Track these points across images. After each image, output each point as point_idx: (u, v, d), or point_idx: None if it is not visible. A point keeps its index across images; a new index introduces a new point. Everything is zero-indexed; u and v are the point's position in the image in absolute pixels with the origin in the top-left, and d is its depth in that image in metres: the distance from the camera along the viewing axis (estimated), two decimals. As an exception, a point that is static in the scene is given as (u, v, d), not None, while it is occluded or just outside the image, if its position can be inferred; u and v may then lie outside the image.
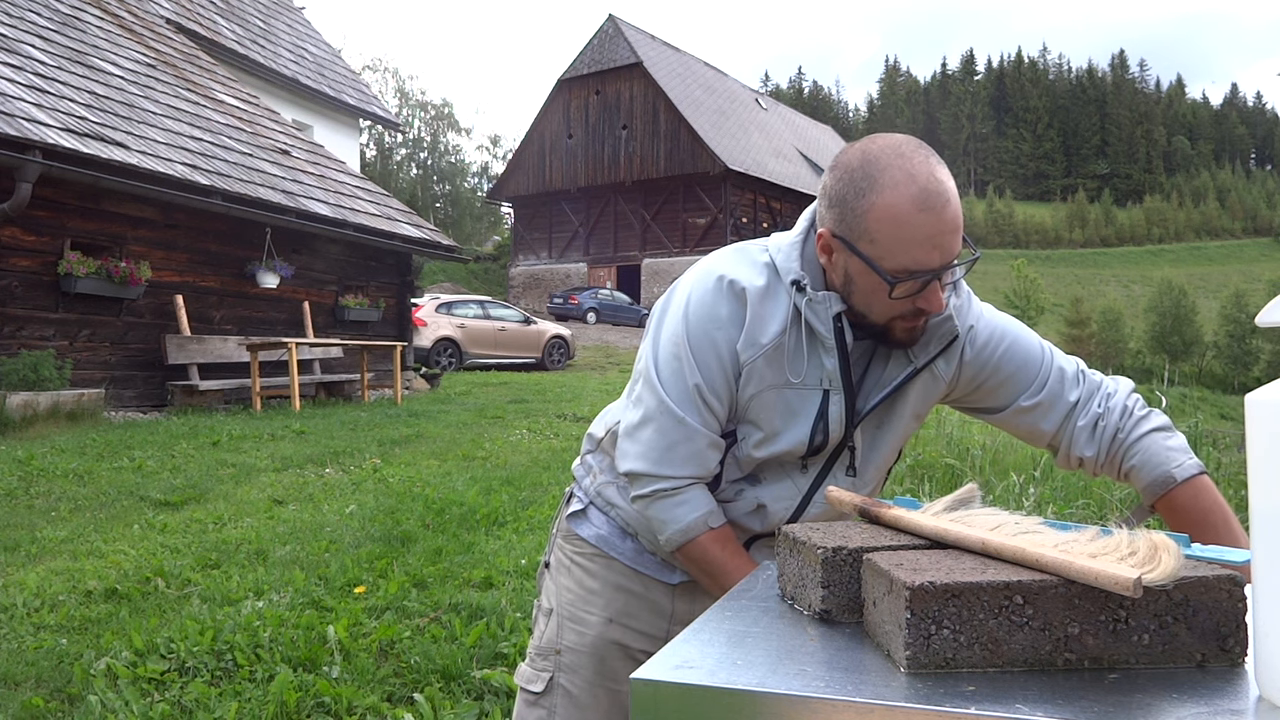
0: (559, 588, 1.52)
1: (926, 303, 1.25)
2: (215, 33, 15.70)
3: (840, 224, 1.25)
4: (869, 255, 1.22)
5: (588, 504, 1.52)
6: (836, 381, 1.32)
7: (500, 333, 18.97)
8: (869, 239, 1.22)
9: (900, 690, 0.72)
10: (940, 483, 5.12)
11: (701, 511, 1.32)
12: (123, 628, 3.26)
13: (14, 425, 7.02)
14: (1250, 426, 0.72)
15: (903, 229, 1.19)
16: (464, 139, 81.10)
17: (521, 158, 39.51)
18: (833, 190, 1.26)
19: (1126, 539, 0.82)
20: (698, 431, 1.31)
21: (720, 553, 1.32)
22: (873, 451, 1.41)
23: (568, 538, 1.54)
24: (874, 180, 1.20)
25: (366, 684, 2.87)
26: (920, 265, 1.20)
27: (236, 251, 10.25)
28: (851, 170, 1.23)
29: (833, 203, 1.26)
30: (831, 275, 1.31)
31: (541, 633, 1.52)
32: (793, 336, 1.31)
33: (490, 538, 4.63)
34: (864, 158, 1.23)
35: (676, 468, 1.32)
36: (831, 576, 0.93)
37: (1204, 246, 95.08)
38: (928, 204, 1.18)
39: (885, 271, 1.21)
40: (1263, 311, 0.73)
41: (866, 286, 1.26)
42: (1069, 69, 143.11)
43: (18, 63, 8.77)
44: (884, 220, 1.20)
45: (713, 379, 1.31)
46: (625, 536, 1.49)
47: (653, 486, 1.33)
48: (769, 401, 1.32)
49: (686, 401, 1.31)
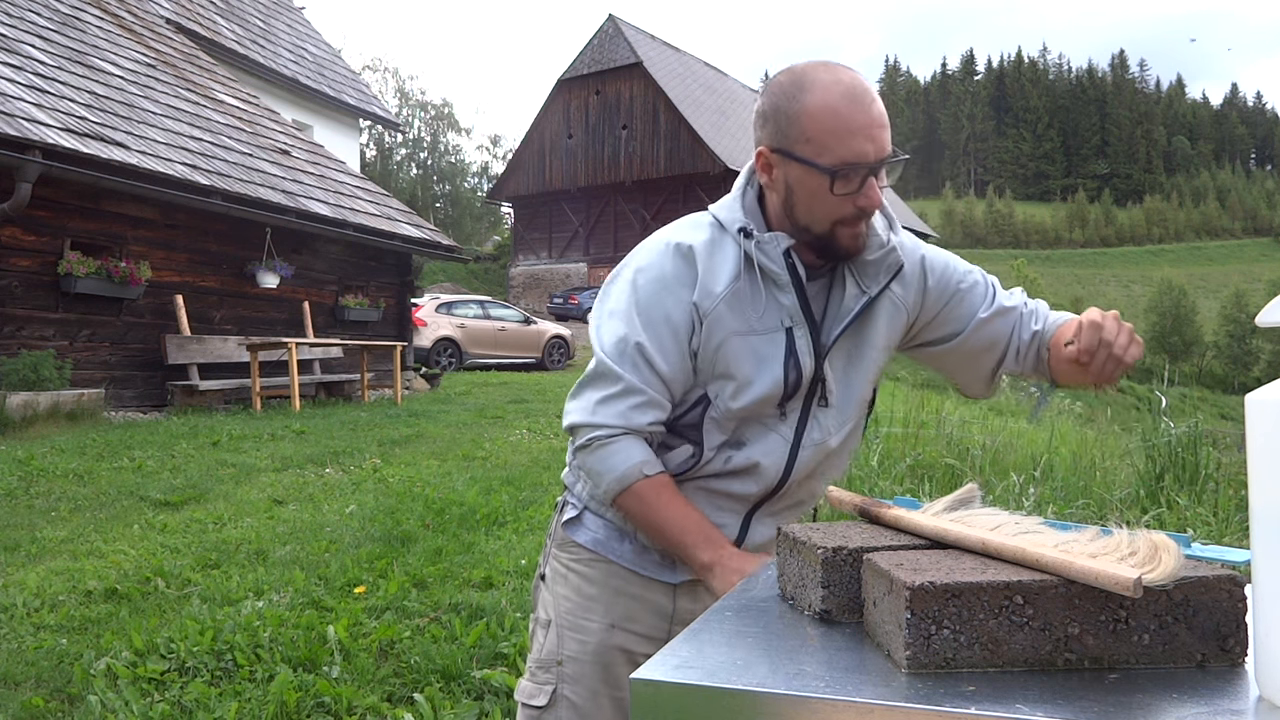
0: (556, 597, 1.50)
1: (866, 200, 1.30)
2: (215, 33, 15.70)
3: (776, 135, 1.31)
4: (806, 155, 1.28)
5: (582, 509, 1.51)
6: (798, 315, 1.36)
7: (500, 333, 18.97)
8: (805, 139, 1.28)
9: (900, 690, 0.72)
10: (940, 483, 5.11)
11: (637, 459, 1.34)
12: (123, 628, 3.26)
13: (14, 425, 7.02)
14: (1250, 426, 0.72)
15: (835, 121, 1.26)
16: (464, 139, 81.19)
17: (521, 158, 39.51)
18: (766, 107, 1.33)
19: (1126, 539, 0.82)
20: (634, 386, 1.34)
21: (657, 499, 1.34)
22: (847, 385, 1.43)
23: (563, 545, 1.52)
24: (803, 85, 1.29)
25: (366, 684, 2.87)
26: (856, 157, 1.27)
27: (236, 251, 10.25)
28: (781, 85, 1.32)
29: (767, 119, 1.33)
30: (773, 198, 1.37)
31: (541, 645, 1.50)
32: (747, 282, 1.35)
33: (490, 538, 4.63)
34: (790, 74, 1.32)
35: (611, 418, 1.35)
36: (831, 576, 0.93)
37: (1204, 246, 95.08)
38: (855, 98, 1.27)
39: (824, 166, 1.27)
40: (1263, 311, 0.73)
41: (807, 191, 1.31)
42: (1069, 69, 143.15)
43: (18, 63, 8.77)
44: (817, 116, 1.27)
45: (660, 339, 1.35)
46: (623, 538, 1.47)
47: (588, 435, 1.36)
48: (737, 349, 1.35)
49: (625, 359, 1.35)
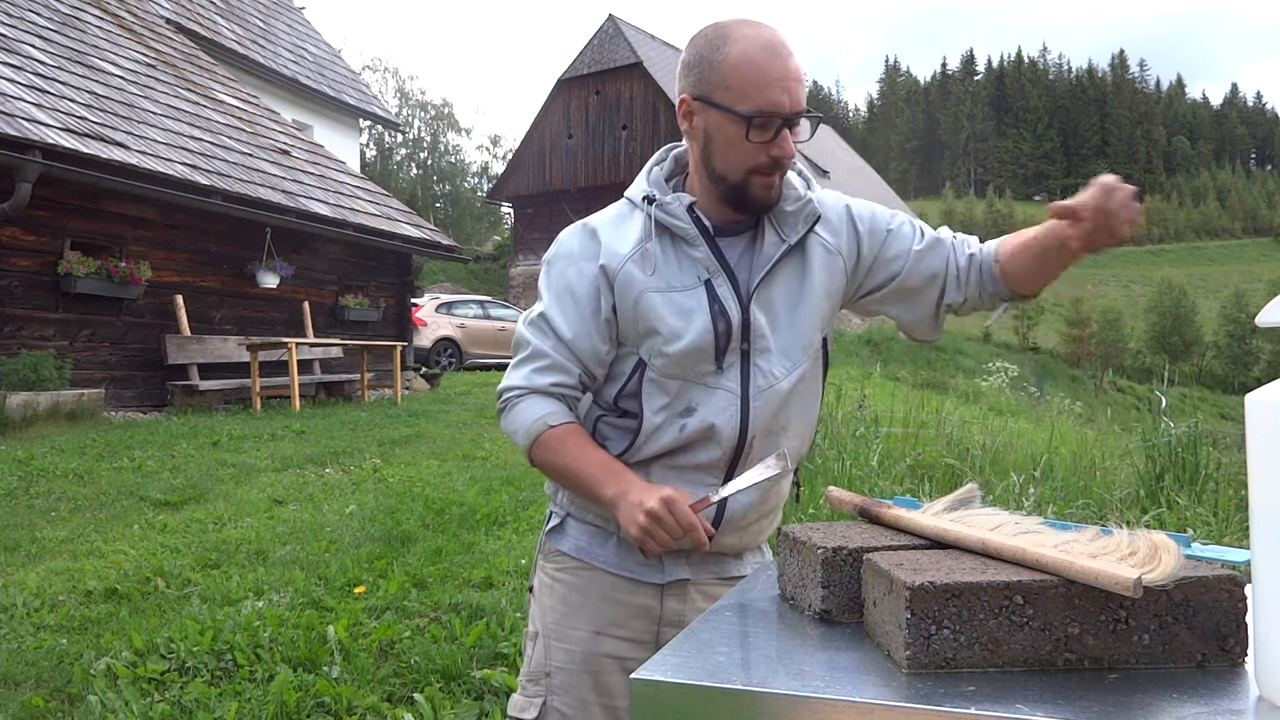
0: (543, 609, 1.51)
1: (780, 149, 1.35)
2: (215, 33, 15.69)
3: (699, 83, 1.37)
4: (725, 102, 1.34)
5: (564, 516, 1.52)
6: (714, 266, 1.40)
7: (500, 333, 18.97)
8: (724, 86, 1.34)
9: (900, 690, 0.72)
10: (940, 483, 5.11)
11: (541, 413, 1.41)
12: (123, 628, 3.26)
13: (14, 425, 7.02)
14: (1250, 426, 0.72)
15: (754, 71, 1.32)
16: (464, 139, 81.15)
17: (521, 158, 39.51)
18: (690, 57, 1.40)
19: (1126, 539, 0.82)
20: (538, 350, 1.43)
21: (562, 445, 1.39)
22: (791, 329, 1.44)
23: (549, 556, 1.53)
24: (726, 36, 1.36)
25: (366, 684, 2.87)
26: (772, 106, 1.32)
27: (236, 251, 10.25)
28: (705, 36, 1.38)
29: (690, 68, 1.39)
30: (692, 150, 1.43)
31: (530, 658, 1.51)
32: (658, 246, 1.41)
33: (490, 538, 4.63)
34: (715, 27, 1.39)
35: (517, 380, 1.44)
36: (831, 576, 0.93)
37: (1204, 246, 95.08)
38: (774, 50, 1.33)
39: (742, 113, 1.32)
40: (1263, 311, 0.73)
41: (724, 139, 1.36)
42: (1069, 69, 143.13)
43: (18, 63, 8.77)
44: (738, 65, 1.33)
45: (563, 306, 1.43)
46: (606, 539, 1.47)
47: (502, 399, 1.45)
48: (655, 304, 1.39)
49: (532, 328, 1.45)
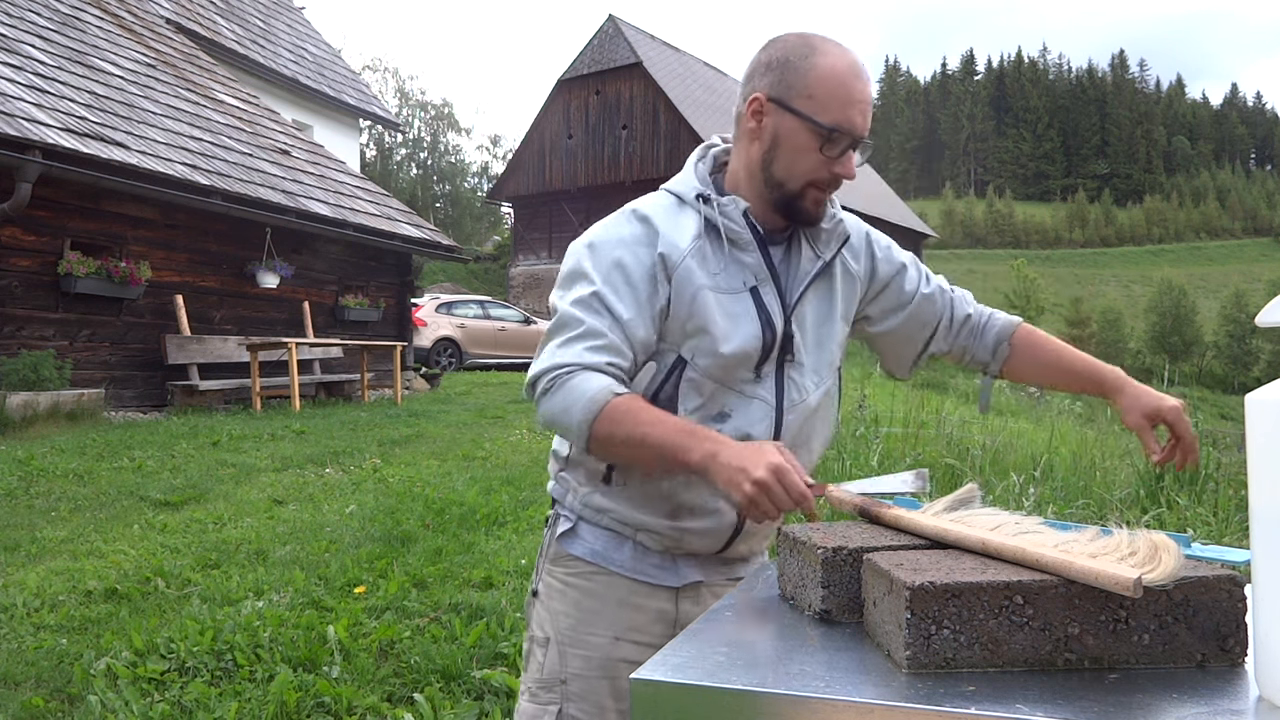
0: (554, 614, 1.46)
1: (843, 168, 1.35)
2: (215, 33, 15.69)
3: (779, 84, 1.35)
4: (805, 110, 1.33)
5: (576, 520, 1.47)
6: (763, 273, 1.39)
7: (500, 333, 18.97)
8: (807, 94, 1.33)
9: (900, 690, 0.72)
10: (940, 483, 5.11)
11: (603, 384, 1.28)
12: (123, 628, 3.26)
13: (14, 425, 7.02)
14: (1250, 426, 0.72)
15: (840, 88, 1.33)
16: (464, 139, 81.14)
17: (521, 158, 39.51)
18: (770, 58, 1.37)
19: (1126, 539, 0.82)
20: (593, 329, 1.32)
21: (630, 412, 1.26)
22: (818, 345, 1.46)
23: (558, 560, 1.48)
24: (813, 47, 1.35)
25: (366, 684, 2.87)
26: (848, 126, 1.33)
27: (236, 251, 10.25)
28: (790, 42, 1.37)
29: (771, 68, 1.37)
30: (750, 150, 1.40)
31: (541, 664, 1.45)
32: (708, 243, 1.38)
33: (490, 538, 4.63)
34: (800, 35, 1.38)
35: (570, 358, 1.31)
36: (831, 576, 0.93)
37: (1204, 246, 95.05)
38: (858, 73, 1.35)
39: (822, 123, 1.32)
40: (1263, 311, 0.73)
41: (793, 145, 1.35)
42: (1069, 69, 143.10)
43: (18, 63, 8.77)
44: (825, 78, 1.33)
45: (617, 288, 1.34)
46: (622, 543, 1.44)
47: (552, 375, 1.31)
48: (710, 302, 1.36)
49: (582, 306, 1.34)
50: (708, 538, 1.42)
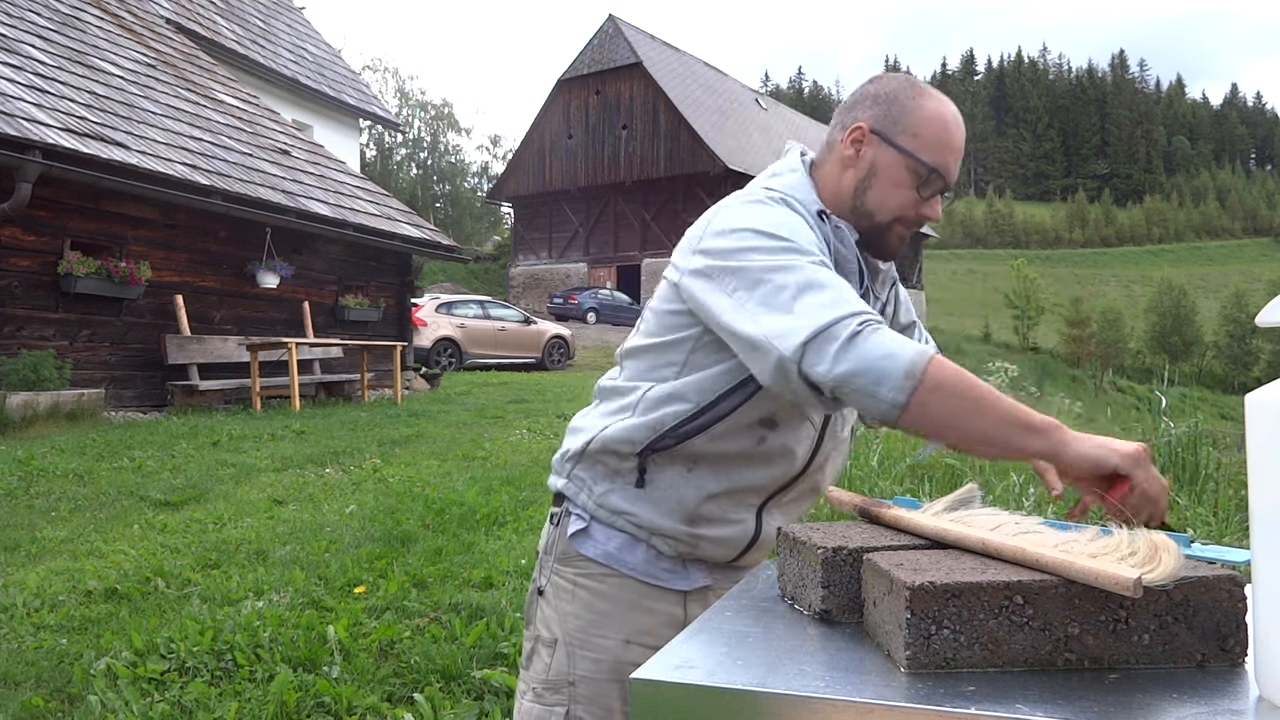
0: (563, 615, 1.43)
1: (930, 209, 1.38)
2: (215, 33, 15.70)
3: (884, 118, 1.37)
4: (909, 147, 1.36)
5: (589, 521, 1.44)
6: None
7: (500, 333, 18.97)
8: (912, 132, 1.36)
9: (900, 690, 0.72)
10: (940, 483, 5.11)
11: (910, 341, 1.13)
12: (123, 628, 3.26)
13: (14, 425, 7.02)
14: (1250, 426, 0.72)
15: (943, 133, 1.36)
16: (464, 139, 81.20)
17: (521, 158, 39.51)
18: (878, 92, 1.40)
19: (1126, 539, 0.82)
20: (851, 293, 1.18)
21: (961, 374, 1.11)
22: None
23: (567, 560, 1.45)
24: (922, 91, 1.39)
25: (366, 684, 2.87)
26: (944, 169, 1.36)
27: (236, 251, 10.25)
28: (899, 81, 1.41)
29: (878, 101, 1.39)
30: (843, 177, 1.40)
31: (547, 665, 1.43)
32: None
33: (490, 538, 4.63)
34: (908, 77, 1.42)
35: (860, 306, 1.15)
36: (831, 576, 0.93)
37: (1204, 246, 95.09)
38: (959, 124, 1.39)
39: (926, 161, 1.35)
40: (1263, 311, 0.73)
41: (891, 180, 1.37)
42: (1069, 69, 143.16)
43: (18, 63, 8.77)
44: (931, 121, 1.36)
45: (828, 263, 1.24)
46: (635, 546, 1.42)
47: (863, 318, 1.12)
48: None
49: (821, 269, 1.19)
50: (724, 547, 1.42)
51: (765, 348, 1.16)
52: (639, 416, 1.37)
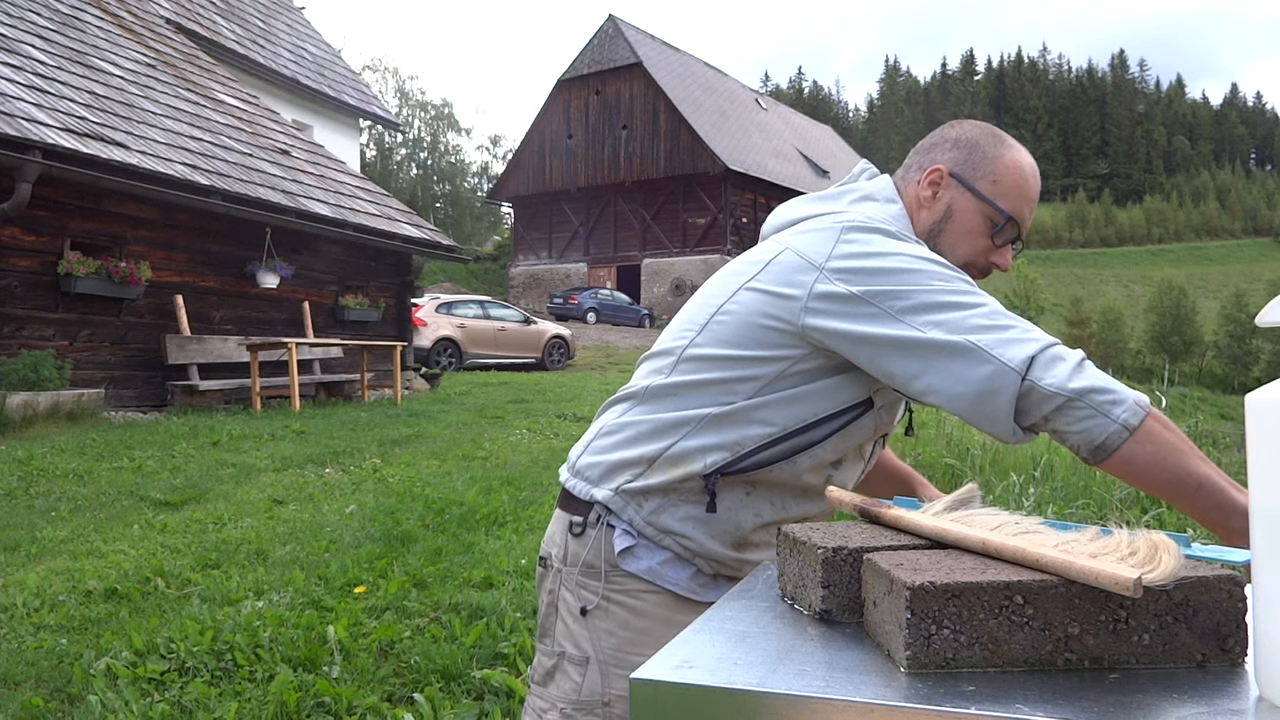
0: (595, 632, 1.35)
1: (1001, 258, 1.39)
2: (215, 33, 15.70)
3: (964, 162, 1.39)
4: (988, 193, 1.37)
5: (637, 539, 1.35)
6: None
7: (500, 333, 18.98)
8: (992, 179, 1.37)
9: (900, 690, 0.72)
10: (940, 483, 5.11)
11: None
12: (123, 628, 3.26)
13: (14, 425, 7.02)
14: (1250, 426, 0.72)
15: (1021, 183, 1.38)
16: (464, 139, 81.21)
17: (521, 158, 39.52)
18: (961, 136, 1.42)
19: (1126, 539, 0.82)
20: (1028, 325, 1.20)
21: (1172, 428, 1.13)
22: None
23: (595, 573, 1.37)
24: (1003, 140, 1.41)
25: (366, 684, 2.87)
26: (1021, 218, 1.38)
27: (236, 251, 10.25)
28: (981, 128, 1.43)
29: (959, 145, 1.41)
30: (920, 215, 1.41)
31: (577, 685, 1.34)
32: None
33: (490, 538, 4.63)
34: (990, 126, 1.44)
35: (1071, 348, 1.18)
36: (831, 576, 0.93)
37: (1204, 246, 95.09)
38: (1037, 176, 1.41)
39: (1003, 209, 1.36)
40: (1263, 311, 0.73)
41: (965, 225, 1.38)
42: (1069, 69, 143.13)
43: (18, 63, 8.77)
44: (1011, 169, 1.38)
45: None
46: (680, 564, 1.36)
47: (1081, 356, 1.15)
48: None
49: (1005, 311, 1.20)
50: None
51: (978, 355, 1.13)
52: (716, 435, 1.30)
